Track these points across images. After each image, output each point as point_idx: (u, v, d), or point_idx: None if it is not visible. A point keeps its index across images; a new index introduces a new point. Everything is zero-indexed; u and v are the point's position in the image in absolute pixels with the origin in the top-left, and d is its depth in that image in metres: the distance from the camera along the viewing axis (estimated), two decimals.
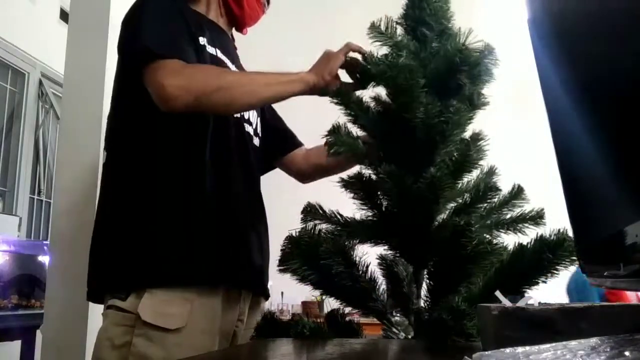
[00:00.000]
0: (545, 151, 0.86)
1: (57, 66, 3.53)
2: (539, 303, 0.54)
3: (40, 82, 3.85)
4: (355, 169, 0.97)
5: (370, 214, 0.95)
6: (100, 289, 1.01)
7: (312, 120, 0.99)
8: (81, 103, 1.62)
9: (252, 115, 1.19)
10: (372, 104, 0.97)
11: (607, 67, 0.43)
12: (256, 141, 1.20)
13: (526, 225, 0.94)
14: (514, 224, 0.95)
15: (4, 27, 3.44)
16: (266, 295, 1.18)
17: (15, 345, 2.58)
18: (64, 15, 3.82)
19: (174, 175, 1.00)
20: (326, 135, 0.93)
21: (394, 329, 0.91)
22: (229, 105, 0.99)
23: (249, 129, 1.16)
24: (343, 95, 0.95)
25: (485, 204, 0.95)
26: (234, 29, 1.25)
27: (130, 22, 1.03)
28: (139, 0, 1.05)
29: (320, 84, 1.04)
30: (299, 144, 1.36)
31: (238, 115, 1.12)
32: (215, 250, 0.99)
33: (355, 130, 0.96)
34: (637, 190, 0.39)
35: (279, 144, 1.32)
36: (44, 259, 2.59)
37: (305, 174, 1.36)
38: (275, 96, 1.02)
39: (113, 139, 1.08)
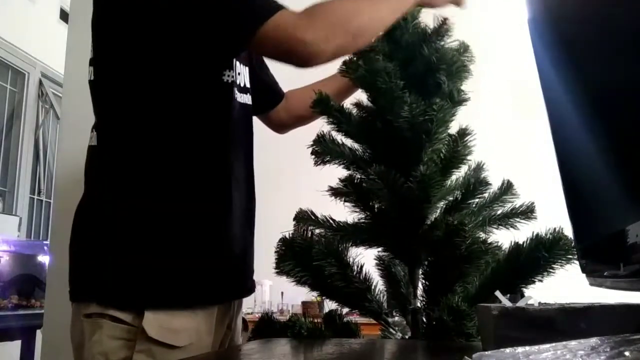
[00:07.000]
0: (544, 151, 0.86)
1: (57, 66, 3.53)
2: (539, 303, 0.54)
3: (40, 82, 3.86)
4: (345, 173, 0.97)
5: (363, 216, 0.95)
6: (88, 293, 0.90)
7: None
8: (81, 103, 1.61)
9: (246, 77, 1.08)
10: (355, 110, 0.96)
11: (606, 66, 0.43)
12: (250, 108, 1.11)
13: (517, 220, 0.94)
14: (505, 220, 0.94)
15: (4, 27, 3.44)
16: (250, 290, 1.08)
17: (15, 345, 2.58)
18: (64, 15, 3.83)
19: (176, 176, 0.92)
20: (312, 145, 0.93)
21: (391, 329, 0.91)
22: (360, 44, 0.92)
23: (246, 99, 1.06)
24: (324, 104, 0.95)
25: (476, 200, 0.95)
26: None
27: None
28: None
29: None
30: (283, 96, 1.26)
31: (238, 97, 1.02)
32: (215, 271, 0.93)
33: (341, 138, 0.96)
34: (637, 190, 0.39)
35: (266, 99, 1.22)
36: (44, 259, 2.60)
37: (285, 125, 1.27)
38: (395, 18, 0.94)
39: (107, 136, 0.98)
